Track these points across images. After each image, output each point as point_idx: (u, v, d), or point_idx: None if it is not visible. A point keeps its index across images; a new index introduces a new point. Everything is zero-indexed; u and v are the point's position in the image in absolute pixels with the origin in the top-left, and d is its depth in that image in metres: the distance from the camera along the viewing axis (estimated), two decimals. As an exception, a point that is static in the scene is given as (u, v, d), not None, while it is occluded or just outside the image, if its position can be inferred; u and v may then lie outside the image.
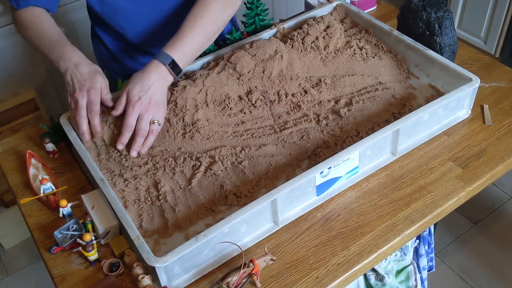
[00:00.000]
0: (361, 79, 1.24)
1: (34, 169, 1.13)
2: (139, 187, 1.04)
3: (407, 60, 1.29)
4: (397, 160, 1.11)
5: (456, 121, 1.18)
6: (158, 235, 0.97)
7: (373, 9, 1.59)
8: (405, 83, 1.25)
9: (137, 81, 1.08)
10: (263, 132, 1.14)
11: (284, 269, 0.93)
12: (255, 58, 1.21)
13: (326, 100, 1.20)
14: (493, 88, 1.27)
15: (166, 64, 1.10)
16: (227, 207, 1.01)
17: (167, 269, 0.87)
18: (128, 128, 1.07)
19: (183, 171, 1.07)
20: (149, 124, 1.08)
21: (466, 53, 1.39)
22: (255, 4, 1.36)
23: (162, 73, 1.10)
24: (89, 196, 1.04)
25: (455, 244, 2.08)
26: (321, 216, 1.01)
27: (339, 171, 1.02)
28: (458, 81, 1.15)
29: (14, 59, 1.97)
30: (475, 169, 1.08)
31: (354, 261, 0.94)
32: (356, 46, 1.30)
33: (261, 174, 1.05)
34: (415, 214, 1.00)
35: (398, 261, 1.37)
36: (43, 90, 2.09)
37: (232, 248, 0.94)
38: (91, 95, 1.07)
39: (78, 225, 0.99)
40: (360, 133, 1.11)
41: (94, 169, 1.03)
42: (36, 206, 1.08)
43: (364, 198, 1.04)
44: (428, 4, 1.25)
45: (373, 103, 1.18)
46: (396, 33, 1.29)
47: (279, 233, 0.99)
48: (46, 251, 0.99)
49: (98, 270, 0.95)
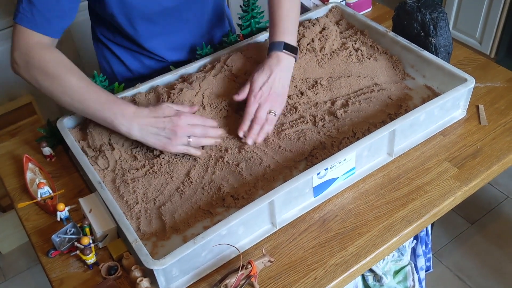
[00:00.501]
0: (357, 80, 1.25)
1: (31, 173, 1.13)
2: (136, 190, 1.04)
3: (402, 61, 1.29)
4: (394, 161, 1.11)
5: (452, 122, 1.19)
6: (156, 238, 0.97)
7: (368, 11, 1.60)
8: (401, 84, 1.25)
9: (261, 73, 1.12)
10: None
11: (282, 270, 0.93)
12: (251, 60, 1.21)
13: (323, 102, 1.21)
14: (488, 88, 1.28)
15: (282, 50, 1.14)
16: (225, 209, 1.01)
17: (165, 271, 0.87)
18: (248, 116, 1.11)
19: (180, 173, 1.07)
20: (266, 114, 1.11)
21: (461, 53, 1.40)
22: (251, 6, 1.37)
23: (283, 61, 1.14)
24: (87, 200, 1.04)
25: (452, 244, 2.09)
26: (319, 217, 1.02)
27: (336, 172, 1.02)
28: (453, 81, 1.16)
29: (10, 63, 1.96)
30: (471, 169, 1.09)
31: (352, 262, 0.94)
32: (351, 48, 1.30)
33: (259, 176, 1.06)
34: (412, 214, 1.01)
35: (395, 262, 1.38)
36: (40, 94, 2.09)
37: (230, 250, 0.95)
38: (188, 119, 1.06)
39: (75, 228, 0.99)
40: (357, 134, 1.12)
41: (91, 173, 1.03)
42: (34, 210, 1.08)
43: (361, 199, 1.04)
44: (423, 5, 1.26)
45: (369, 104, 1.19)
46: (392, 34, 1.30)
47: (276, 235, 0.99)
48: (44, 255, 0.99)
49: (96, 273, 0.95)
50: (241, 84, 1.20)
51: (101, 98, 1.05)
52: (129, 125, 1.04)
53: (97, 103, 1.04)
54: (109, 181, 1.07)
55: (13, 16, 1.08)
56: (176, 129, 1.04)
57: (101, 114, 1.04)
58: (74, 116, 1.17)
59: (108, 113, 1.04)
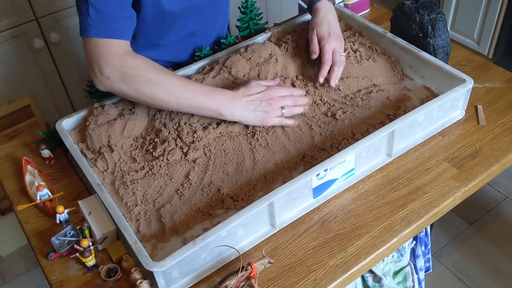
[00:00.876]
0: (355, 81, 1.25)
1: (30, 175, 1.13)
2: (136, 192, 1.04)
3: (401, 62, 1.30)
4: (393, 162, 1.11)
5: (450, 122, 1.19)
6: (155, 240, 0.97)
7: (366, 12, 1.60)
8: (399, 84, 1.25)
9: (321, 25, 1.23)
10: (258, 135, 1.14)
11: (282, 271, 0.93)
12: (250, 62, 1.22)
13: (321, 103, 1.21)
14: (487, 89, 1.28)
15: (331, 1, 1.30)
16: (224, 210, 1.01)
17: (165, 273, 0.87)
18: (328, 62, 1.20)
19: (179, 175, 1.07)
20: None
21: (460, 54, 1.40)
22: (249, 8, 1.37)
23: (330, 8, 1.27)
24: (86, 202, 1.04)
25: (452, 245, 2.09)
26: (318, 218, 1.02)
27: (335, 173, 1.02)
28: (452, 82, 1.16)
29: (8, 66, 1.96)
30: (470, 169, 1.09)
31: (351, 263, 0.94)
32: (350, 49, 1.30)
33: (258, 177, 1.06)
34: (411, 214, 1.01)
35: (395, 262, 1.38)
36: (38, 96, 2.09)
37: (230, 252, 0.95)
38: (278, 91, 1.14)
39: (75, 231, 0.99)
40: (356, 135, 1.12)
41: (91, 175, 1.03)
42: (33, 213, 1.08)
43: (360, 200, 1.04)
44: (421, 6, 1.26)
45: (368, 105, 1.19)
46: (390, 35, 1.30)
47: (276, 236, 0.99)
48: (43, 258, 0.99)
49: (96, 275, 0.95)
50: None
51: (203, 90, 1.09)
52: (232, 109, 1.09)
53: (201, 95, 1.08)
54: (108, 183, 1.07)
55: (82, 33, 1.04)
56: (270, 101, 1.11)
57: (207, 105, 1.08)
58: (72, 118, 1.17)
59: (214, 103, 1.08)
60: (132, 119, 1.14)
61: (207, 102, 1.08)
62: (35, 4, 1.90)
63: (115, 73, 1.03)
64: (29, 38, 1.94)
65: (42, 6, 1.92)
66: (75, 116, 1.17)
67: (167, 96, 1.06)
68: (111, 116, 1.15)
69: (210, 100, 1.08)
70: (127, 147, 1.12)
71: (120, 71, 1.03)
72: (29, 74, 2.03)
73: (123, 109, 1.17)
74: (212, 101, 1.08)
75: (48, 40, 1.99)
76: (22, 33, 1.93)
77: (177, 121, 1.14)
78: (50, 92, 2.12)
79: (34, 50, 1.98)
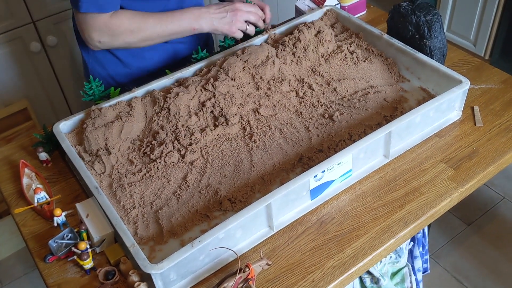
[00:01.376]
0: (352, 83, 1.25)
1: (27, 178, 1.13)
2: (133, 195, 1.04)
3: (397, 63, 1.30)
4: (390, 163, 1.12)
5: (447, 123, 1.19)
6: (153, 242, 0.97)
7: (363, 14, 1.61)
8: (396, 86, 1.26)
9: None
10: (256, 137, 1.14)
11: (280, 273, 0.94)
12: (247, 64, 1.22)
13: (318, 104, 1.21)
14: (483, 90, 1.28)
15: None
16: (222, 212, 1.01)
17: (163, 275, 0.87)
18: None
19: (177, 177, 1.07)
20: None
21: (456, 55, 1.40)
22: (246, 10, 1.37)
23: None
24: (84, 205, 1.03)
25: (449, 245, 2.09)
26: (316, 220, 1.02)
27: (332, 175, 1.03)
28: (448, 83, 1.16)
29: (5, 69, 1.96)
30: (467, 170, 1.09)
31: (349, 264, 0.94)
32: (347, 51, 1.31)
33: (255, 179, 1.06)
34: (409, 215, 1.01)
35: (393, 264, 1.38)
36: (36, 99, 2.09)
37: (227, 254, 0.95)
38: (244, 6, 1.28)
39: (73, 233, 0.99)
40: (353, 136, 1.12)
41: (88, 177, 1.03)
42: (30, 216, 1.08)
43: (358, 201, 1.05)
44: (417, 8, 1.27)
45: (365, 107, 1.19)
46: (386, 37, 1.30)
47: (274, 238, 0.99)
48: (41, 261, 0.99)
49: (94, 278, 0.95)
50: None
51: (174, 16, 1.24)
52: (201, 22, 1.25)
53: (174, 22, 1.24)
54: (106, 185, 1.07)
55: (74, 8, 1.18)
56: (236, 12, 1.26)
57: (182, 27, 1.25)
58: (70, 121, 1.17)
59: (185, 22, 1.24)
60: (129, 122, 1.14)
61: (181, 25, 1.24)
62: (32, 7, 1.90)
63: (104, 36, 1.21)
64: (26, 41, 1.94)
65: (39, 9, 1.92)
66: (72, 118, 1.17)
67: (150, 36, 1.23)
68: (108, 118, 1.15)
69: (182, 21, 1.24)
70: (124, 150, 1.12)
71: (107, 33, 1.20)
72: (26, 77, 2.03)
73: (120, 111, 1.17)
74: (184, 22, 1.24)
75: (45, 43, 1.99)
76: (19, 36, 1.93)
77: (175, 123, 1.14)
78: (47, 95, 2.12)
79: (31, 53, 1.98)
